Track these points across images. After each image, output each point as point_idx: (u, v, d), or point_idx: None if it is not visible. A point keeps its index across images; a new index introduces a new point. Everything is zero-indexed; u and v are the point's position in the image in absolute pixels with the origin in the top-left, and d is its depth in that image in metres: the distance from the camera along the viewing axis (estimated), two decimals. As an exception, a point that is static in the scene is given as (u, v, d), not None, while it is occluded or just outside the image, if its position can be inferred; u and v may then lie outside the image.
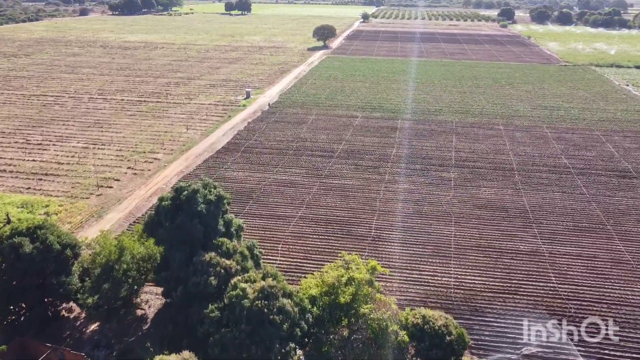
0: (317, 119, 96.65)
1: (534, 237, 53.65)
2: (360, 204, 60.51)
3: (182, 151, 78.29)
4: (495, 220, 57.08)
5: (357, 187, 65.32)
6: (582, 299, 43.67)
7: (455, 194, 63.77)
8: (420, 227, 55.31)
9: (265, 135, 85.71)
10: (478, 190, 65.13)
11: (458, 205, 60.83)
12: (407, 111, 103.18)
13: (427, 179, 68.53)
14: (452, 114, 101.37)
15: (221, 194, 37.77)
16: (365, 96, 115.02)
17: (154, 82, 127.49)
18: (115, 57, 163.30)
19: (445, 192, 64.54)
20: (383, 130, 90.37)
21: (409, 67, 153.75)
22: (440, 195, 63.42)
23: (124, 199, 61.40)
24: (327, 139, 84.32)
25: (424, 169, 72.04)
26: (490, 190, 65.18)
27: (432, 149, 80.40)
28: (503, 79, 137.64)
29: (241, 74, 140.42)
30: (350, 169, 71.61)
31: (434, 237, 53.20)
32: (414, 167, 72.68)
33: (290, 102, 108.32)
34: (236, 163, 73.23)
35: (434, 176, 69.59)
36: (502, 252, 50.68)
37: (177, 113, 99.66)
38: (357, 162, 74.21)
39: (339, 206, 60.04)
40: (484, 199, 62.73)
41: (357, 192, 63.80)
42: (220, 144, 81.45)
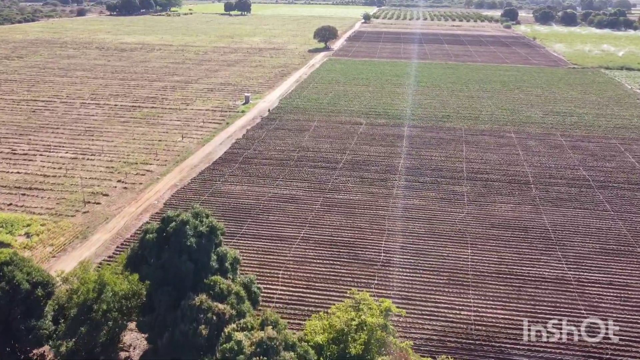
0: (319, 126, 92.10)
1: (558, 261, 49.08)
2: (367, 223, 55.94)
3: (176, 162, 73.72)
4: (514, 242, 52.51)
5: (363, 203, 60.77)
6: (621, 337, 39.06)
7: (469, 211, 59.19)
8: (433, 249, 50.74)
9: (264, 145, 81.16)
10: (493, 207, 60.55)
11: (473, 224, 56.26)
12: (414, 117, 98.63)
13: (438, 194, 63.95)
14: (460, 121, 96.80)
15: (214, 224, 33.21)
16: (369, 101, 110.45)
17: (149, 86, 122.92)
18: (111, 59, 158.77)
19: (458, 208, 59.97)
20: (389, 138, 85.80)
21: (413, 70, 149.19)
22: (453, 213, 58.85)
23: (112, 217, 56.81)
24: (331, 148, 79.77)
25: (435, 182, 67.46)
26: (507, 207, 60.60)
27: (441, 160, 75.83)
28: (511, 83, 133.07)
29: (240, 77, 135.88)
30: (355, 182, 67.04)
31: (449, 261, 48.63)
32: (424, 180, 68.10)
33: (291, 108, 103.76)
34: (234, 175, 68.65)
35: (445, 190, 65.02)
36: (525, 279, 46.10)
37: (173, 120, 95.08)
38: (363, 174, 69.65)
39: (344, 225, 55.48)
40: (501, 216, 58.14)
41: (364, 209, 59.23)
42: (217, 154, 76.89)
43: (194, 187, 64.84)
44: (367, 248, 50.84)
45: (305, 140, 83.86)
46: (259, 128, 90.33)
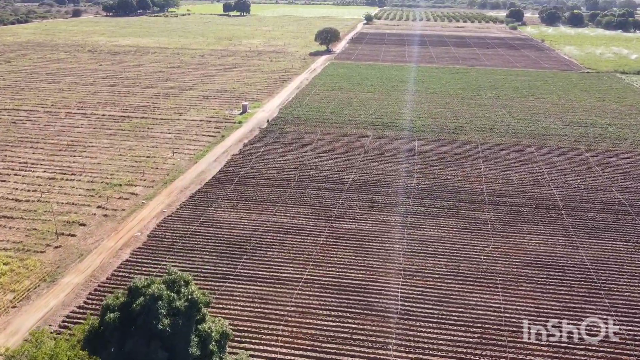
0: (323, 139, 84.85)
1: (606, 310, 41.83)
2: (380, 260, 48.69)
3: (165, 183, 66.45)
4: (551, 286, 45.23)
5: (374, 235, 53.52)
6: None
7: (495, 244, 51.95)
8: (459, 296, 43.48)
9: (263, 162, 73.90)
10: (522, 239, 53.29)
11: (501, 261, 49.00)
12: (424, 129, 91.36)
13: (458, 222, 56.68)
14: (475, 133, 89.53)
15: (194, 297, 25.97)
16: (375, 110, 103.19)
17: (141, 93, 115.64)
18: (103, 64, 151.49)
19: (482, 241, 52.72)
20: (399, 153, 78.56)
21: (419, 75, 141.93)
22: (477, 246, 51.60)
23: (87, 254, 49.54)
24: (336, 166, 72.54)
25: (453, 208, 60.20)
26: (538, 238, 53.33)
27: (458, 180, 68.57)
28: (524, 89, 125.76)
29: (238, 83, 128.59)
30: (364, 208, 59.78)
31: (479, 313, 41.32)
32: (441, 205, 60.83)
33: (291, 118, 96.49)
34: (228, 200, 61.37)
35: (466, 218, 57.76)
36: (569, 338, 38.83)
37: (164, 132, 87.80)
38: (372, 198, 62.39)
39: (354, 263, 48.23)
40: (532, 251, 50.88)
41: (376, 242, 51.98)
42: (210, 173, 69.62)
43: (183, 214, 57.56)
44: (382, 294, 43.57)
45: (308, 155, 76.62)
46: (257, 142, 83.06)
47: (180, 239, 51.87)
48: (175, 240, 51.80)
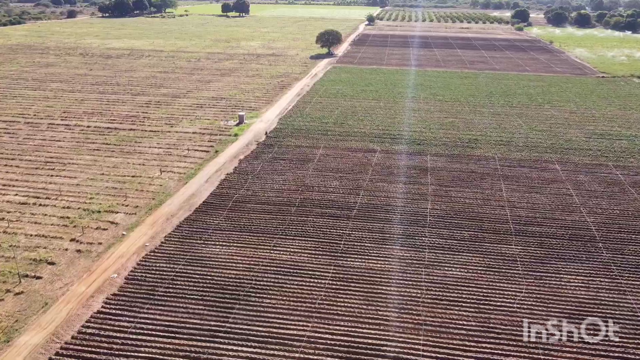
0: (326, 154, 77.69)
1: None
2: (396, 311, 41.49)
3: (150, 209, 59.25)
4: (602, 349, 38.01)
5: (387, 275, 46.34)
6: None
7: (528, 288, 44.77)
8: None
9: (260, 182, 66.68)
10: (559, 280, 46.11)
11: (538, 310, 41.80)
12: (435, 142, 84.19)
13: (482, 258, 49.51)
14: (491, 147, 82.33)
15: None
16: (382, 120, 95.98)
17: (131, 101, 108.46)
18: (94, 68, 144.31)
19: (513, 284, 45.54)
20: (410, 171, 71.37)
21: (426, 80, 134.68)
22: (507, 291, 44.42)
23: (53, 302, 42.37)
24: (341, 187, 65.34)
25: (475, 239, 53.01)
26: (576, 280, 46.16)
27: (478, 204, 61.36)
28: (539, 96, 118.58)
29: (235, 89, 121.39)
30: (374, 240, 52.61)
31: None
32: (461, 236, 53.64)
33: (291, 130, 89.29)
34: (220, 230, 54.16)
35: (490, 253, 50.58)
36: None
37: (152, 146, 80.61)
38: (383, 227, 55.20)
39: (365, 315, 41.05)
40: (572, 297, 43.69)
41: (390, 286, 44.79)
42: (201, 197, 62.41)
43: (167, 249, 50.36)
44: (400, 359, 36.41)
45: (310, 174, 69.45)
46: (253, 158, 75.85)
47: (162, 283, 44.70)
48: (157, 283, 44.63)
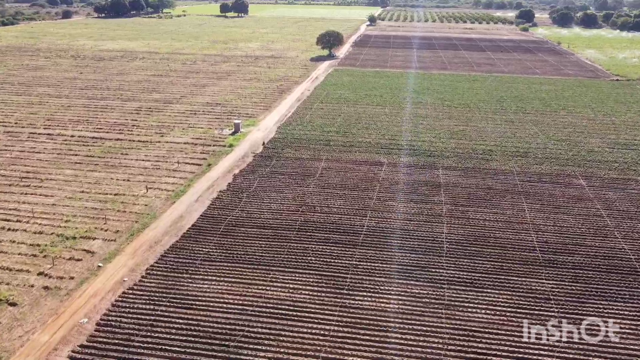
0: (328, 167, 71.23)
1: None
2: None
3: (131, 234, 52.77)
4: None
5: (403, 319, 39.83)
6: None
7: (568, 335, 38.27)
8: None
9: (256, 201, 60.18)
10: (602, 325, 39.59)
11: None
12: (447, 153, 77.75)
13: (511, 296, 42.99)
14: (507, 158, 75.86)
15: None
16: (388, 128, 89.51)
17: (120, 107, 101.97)
18: (84, 71, 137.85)
19: (549, 329, 39.03)
20: (421, 188, 64.90)
21: (433, 84, 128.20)
22: (543, 340, 37.91)
23: (9, 357, 35.87)
24: (345, 207, 58.88)
25: (500, 271, 46.54)
26: (622, 325, 39.59)
27: (500, 227, 54.87)
28: (552, 101, 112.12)
29: (231, 94, 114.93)
30: (386, 273, 46.14)
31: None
32: (484, 268, 47.17)
33: (291, 139, 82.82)
34: (209, 261, 47.70)
35: (519, 289, 44.07)
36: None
37: (140, 158, 74.13)
38: (395, 256, 48.75)
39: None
40: (620, 348, 37.20)
41: (406, 334, 38.30)
42: (190, 219, 55.91)
43: (148, 286, 43.86)
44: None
45: (311, 192, 62.98)
46: (249, 172, 69.37)
47: (140, 330, 38.19)
48: (134, 330, 38.13)
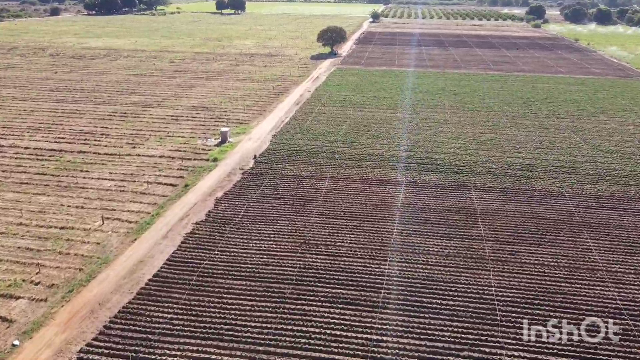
0: (334, 189, 57.44)
1: None
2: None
3: (70, 290, 38.96)
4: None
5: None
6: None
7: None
8: None
9: (241, 239, 46.35)
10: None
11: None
12: (478, 167, 63.98)
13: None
14: (552, 175, 62.08)
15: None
16: (403, 137, 75.71)
17: (92, 112, 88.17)
18: (60, 71, 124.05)
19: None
20: (453, 217, 51.10)
21: (448, 84, 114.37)
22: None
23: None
24: (358, 246, 45.09)
25: (581, 351, 32.75)
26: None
27: (564, 276, 41.03)
28: (587, 103, 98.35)
29: (221, 96, 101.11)
30: (420, 354, 32.36)
31: None
32: (560, 348, 33.35)
33: (288, 151, 69.05)
34: (171, 337, 33.87)
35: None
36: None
37: (103, 177, 60.33)
38: (429, 325, 34.97)
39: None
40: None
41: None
42: (152, 266, 42.10)
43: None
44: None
45: (313, 223, 49.21)
46: (236, 196, 55.54)
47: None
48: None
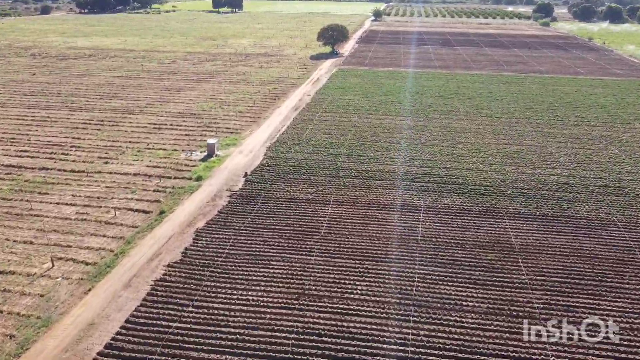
0: (338, 216, 47.77)
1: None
2: None
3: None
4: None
5: None
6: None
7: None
8: None
9: (222, 288, 36.63)
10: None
11: None
12: (506, 188, 54.30)
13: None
14: (595, 198, 52.40)
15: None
16: (417, 150, 66.00)
17: (65, 120, 78.50)
18: (39, 72, 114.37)
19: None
20: (486, 255, 41.37)
21: (460, 87, 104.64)
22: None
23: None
24: (370, 300, 35.41)
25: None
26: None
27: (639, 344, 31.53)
28: (617, 109, 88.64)
29: (211, 101, 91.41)
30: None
31: None
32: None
33: (284, 167, 59.32)
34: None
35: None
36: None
37: (63, 201, 50.65)
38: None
39: None
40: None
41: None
42: (105, 331, 32.35)
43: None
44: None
45: (314, 264, 39.56)
46: (220, 227, 45.79)
47: None
48: None
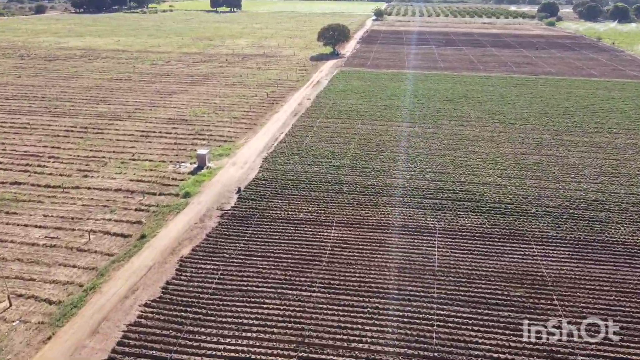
0: (342, 241, 42.01)
1: None
2: None
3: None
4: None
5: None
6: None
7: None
8: None
9: (207, 336, 30.85)
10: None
11: None
12: (529, 206, 48.60)
13: None
14: (630, 218, 46.68)
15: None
16: (428, 161, 60.23)
17: (47, 126, 72.74)
18: (25, 74, 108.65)
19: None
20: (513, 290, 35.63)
21: (468, 90, 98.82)
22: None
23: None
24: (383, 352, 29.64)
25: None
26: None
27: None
28: (638, 113, 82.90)
29: (205, 105, 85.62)
30: None
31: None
32: None
33: (282, 182, 53.57)
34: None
35: None
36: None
37: (32, 224, 44.85)
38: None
39: None
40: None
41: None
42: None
43: None
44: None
45: (314, 303, 33.90)
46: (208, 254, 40.00)
47: None
48: None
